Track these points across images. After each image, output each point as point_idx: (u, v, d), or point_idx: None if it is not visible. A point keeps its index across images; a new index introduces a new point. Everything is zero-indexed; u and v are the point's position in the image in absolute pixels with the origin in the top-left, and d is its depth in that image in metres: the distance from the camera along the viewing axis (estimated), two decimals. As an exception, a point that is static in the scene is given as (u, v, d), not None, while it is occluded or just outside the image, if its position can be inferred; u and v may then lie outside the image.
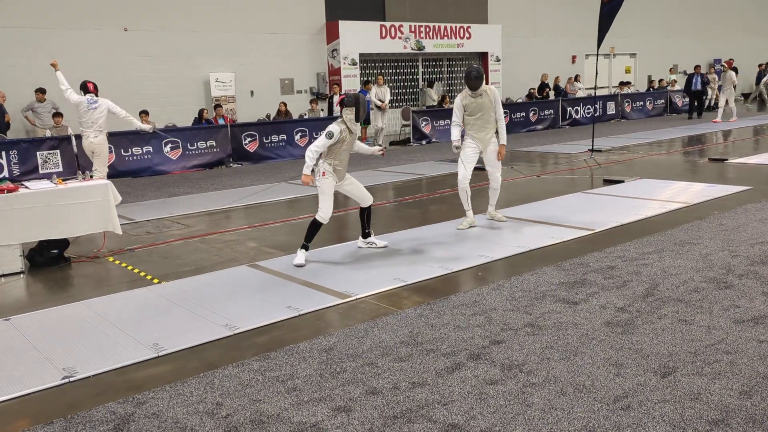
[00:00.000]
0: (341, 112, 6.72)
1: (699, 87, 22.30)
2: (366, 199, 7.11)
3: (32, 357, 4.58)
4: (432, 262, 6.51)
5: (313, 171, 6.65)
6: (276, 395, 3.87)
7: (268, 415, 3.65)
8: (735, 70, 20.72)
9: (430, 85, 21.13)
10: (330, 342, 4.64)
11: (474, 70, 7.79)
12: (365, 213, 7.16)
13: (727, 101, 20.44)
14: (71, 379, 4.20)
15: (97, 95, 10.44)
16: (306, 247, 6.71)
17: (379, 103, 17.95)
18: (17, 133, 14.94)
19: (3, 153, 12.35)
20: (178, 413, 3.71)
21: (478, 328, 4.77)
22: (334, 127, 6.59)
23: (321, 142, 6.57)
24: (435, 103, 20.12)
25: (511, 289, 5.62)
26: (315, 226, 6.70)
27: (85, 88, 10.41)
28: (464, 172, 7.98)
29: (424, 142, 18.37)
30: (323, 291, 5.78)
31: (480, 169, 12.61)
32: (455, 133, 7.98)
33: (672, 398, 3.61)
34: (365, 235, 7.24)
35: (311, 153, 6.54)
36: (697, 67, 22.88)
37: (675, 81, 26.91)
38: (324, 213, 6.71)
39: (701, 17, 30.25)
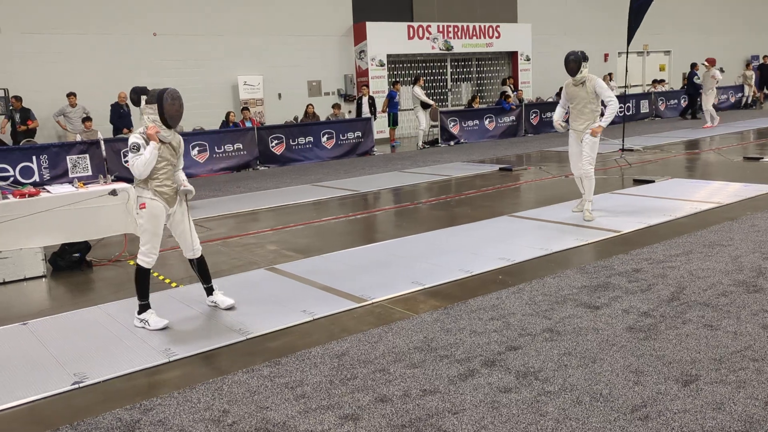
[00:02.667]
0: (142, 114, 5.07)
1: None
2: (189, 250, 5.41)
3: (45, 362, 4.57)
4: (452, 265, 6.38)
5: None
6: (284, 402, 3.79)
7: (274, 423, 3.57)
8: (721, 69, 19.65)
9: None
10: (342, 347, 4.55)
11: (571, 54, 7.76)
12: (198, 266, 5.48)
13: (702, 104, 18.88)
14: (81, 384, 4.17)
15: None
16: (148, 307, 5.18)
17: (431, 102, 17.90)
18: (48, 138, 15.17)
19: (33, 158, 12.51)
20: (183, 420, 3.65)
21: (494, 333, 4.65)
22: (135, 136, 4.96)
23: (136, 158, 4.92)
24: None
25: (531, 292, 5.47)
26: (142, 276, 5.17)
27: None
28: (574, 160, 8.09)
29: (452, 143, 18.22)
30: (339, 295, 5.70)
31: (507, 170, 12.54)
32: (557, 113, 8.14)
33: (693, 408, 3.45)
34: (209, 291, 5.55)
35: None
36: (694, 65, 22.33)
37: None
38: (148, 255, 5.15)
39: (737, 13, 29.58)
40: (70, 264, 7.11)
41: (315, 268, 6.57)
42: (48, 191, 7.10)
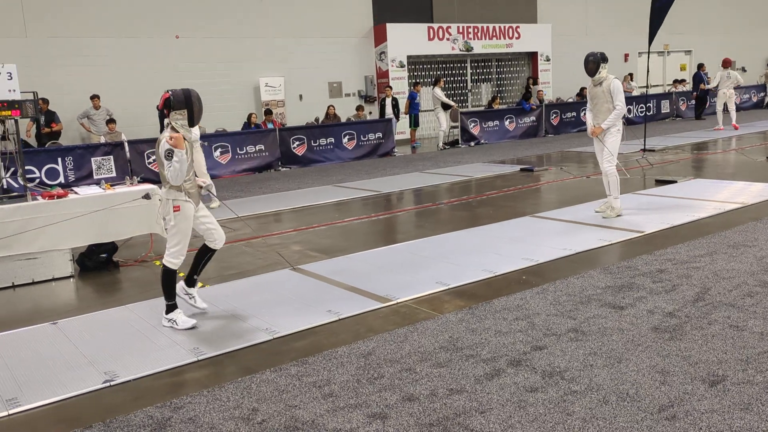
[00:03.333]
0: (167, 115, 5.03)
1: (708, 87, 21.70)
2: (219, 240, 5.52)
3: (76, 361, 4.66)
4: (476, 265, 6.40)
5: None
6: (312, 401, 3.84)
7: (303, 421, 3.62)
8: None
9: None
10: (369, 347, 4.59)
11: (590, 55, 7.87)
12: (208, 255, 5.54)
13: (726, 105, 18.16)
14: (112, 383, 4.24)
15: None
16: (175, 307, 5.24)
17: (452, 103, 17.94)
18: (73, 140, 15.36)
19: (59, 159, 12.68)
20: (214, 418, 3.71)
21: (519, 333, 4.67)
22: (166, 143, 4.92)
23: (173, 165, 4.91)
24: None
25: (555, 293, 5.48)
26: (169, 277, 5.22)
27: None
28: (604, 160, 8.06)
29: (472, 144, 18.22)
30: (364, 295, 5.74)
31: (528, 170, 12.52)
32: (588, 117, 8.18)
33: (720, 408, 3.45)
34: (191, 282, 5.51)
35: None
36: (701, 66, 22.17)
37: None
38: (177, 256, 5.19)
39: (758, 12, 29.25)
40: (98, 264, 7.22)
41: (339, 269, 6.62)
42: (76, 193, 7.21)
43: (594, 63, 7.78)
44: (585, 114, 8.35)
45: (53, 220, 6.76)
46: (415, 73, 20.48)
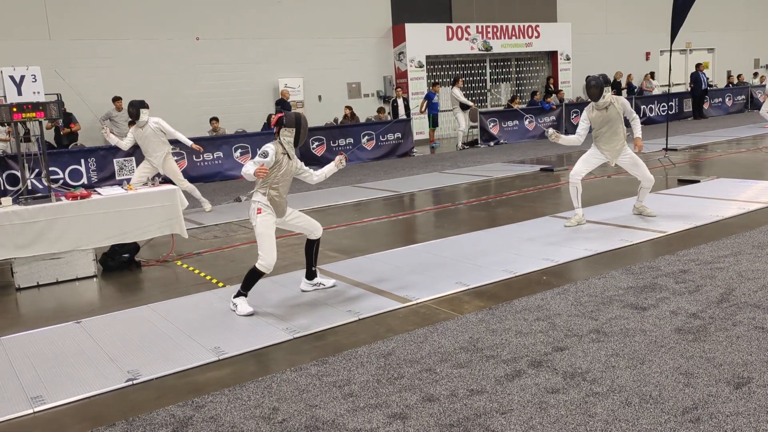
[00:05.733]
0: (278, 132, 5.53)
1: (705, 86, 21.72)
2: (315, 230, 5.93)
3: (99, 359, 4.70)
4: (495, 266, 6.38)
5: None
6: (332, 401, 3.84)
7: (323, 420, 3.62)
8: None
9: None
10: (389, 347, 4.59)
11: (592, 79, 7.61)
12: (313, 247, 5.94)
13: None
14: (134, 381, 4.28)
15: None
16: (245, 295, 5.55)
17: (471, 103, 17.91)
18: (95, 141, 15.48)
19: (82, 160, 12.81)
20: (235, 417, 3.73)
21: (540, 334, 4.64)
22: (269, 147, 5.42)
23: (253, 164, 5.32)
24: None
25: (576, 293, 5.45)
26: (255, 275, 5.47)
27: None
28: (580, 167, 7.91)
29: (492, 144, 18.16)
30: (384, 295, 5.74)
31: (548, 170, 12.45)
32: (568, 136, 7.90)
33: (746, 411, 3.41)
34: (311, 275, 6.02)
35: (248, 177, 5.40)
36: (699, 65, 22.00)
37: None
38: (267, 260, 5.41)
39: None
40: (120, 264, 7.28)
41: (359, 269, 6.62)
42: (99, 193, 7.27)
43: (597, 87, 7.52)
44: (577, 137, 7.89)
45: (76, 221, 6.83)
46: (434, 73, 20.45)
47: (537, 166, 13.23)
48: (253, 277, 5.48)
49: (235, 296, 5.55)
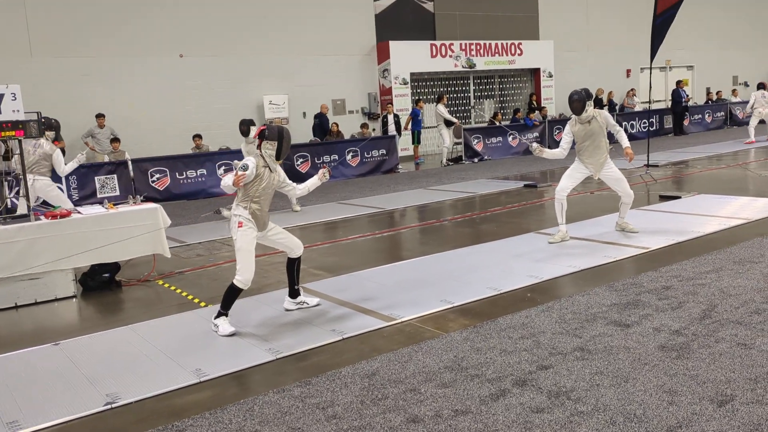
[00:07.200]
0: (259, 145, 5.54)
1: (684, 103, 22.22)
2: (296, 248, 5.88)
3: (78, 382, 4.62)
4: (480, 283, 6.37)
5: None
6: (315, 423, 3.80)
7: (306, 443, 3.58)
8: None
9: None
10: (373, 367, 4.55)
11: (574, 93, 7.69)
12: (294, 265, 5.90)
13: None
14: (113, 405, 4.21)
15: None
16: (225, 315, 5.47)
17: (455, 120, 17.97)
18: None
19: (63, 178, 12.66)
20: (216, 441, 3.67)
21: (525, 352, 4.62)
22: (250, 159, 5.41)
23: (232, 175, 5.35)
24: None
25: (560, 311, 5.44)
26: (234, 292, 5.42)
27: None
28: (565, 183, 7.94)
29: (476, 160, 18.22)
30: (369, 314, 5.71)
31: (532, 186, 12.49)
32: (552, 150, 7.93)
33: (730, 428, 3.40)
34: (294, 293, 5.98)
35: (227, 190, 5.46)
36: (679, 82, 22.34)
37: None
38: (245, 275, 5.38)
39: (760, 27, 29.32)
40: (100, 284, 7.20)
41: (343, 287, 6.59)
42: (79, 212, 7.20)
43: (580, 102, 7.61)
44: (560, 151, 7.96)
45: (56, 241, 6.75)
46: (418, 90, 20.53)
47: (521, 182, 13.28)
48: (231, 294, 5.42)
49: (216, 317, 5.47)
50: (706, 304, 5.34)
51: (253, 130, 10.52)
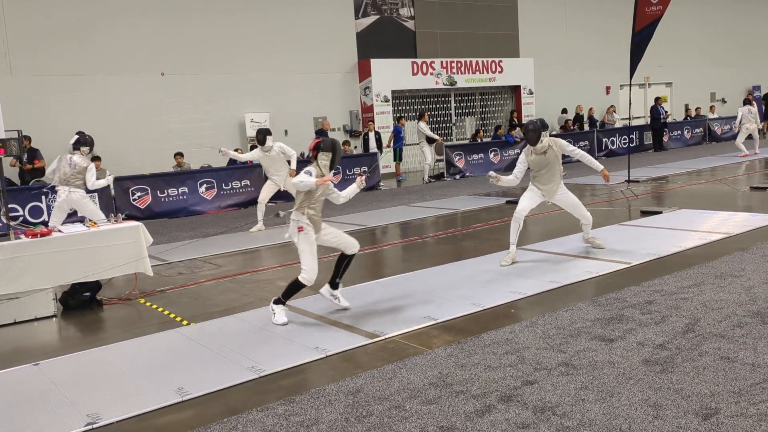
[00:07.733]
0: (316, 156, 6.01)
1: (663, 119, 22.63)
2: (351, 246, 6.24)
3: (58, 403, 4.55)
4: (463, 299, 6.37)
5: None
6: (300, 441, 3.76)
7: (290, 462, 3.54)
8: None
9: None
10: (357, 384, 4.52)
11: (530, 124, 7.72)
12: (346, 260, 6.27)
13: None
14: (94, 426, 4.14)
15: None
16: (284, 303, 6.03)
17: (437, 137, 18.04)
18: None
19: (42, 197, 12.57)
20: (199, 461, 3.62)
21: (509, 368, 4.62)
22: (310, 168, 5.90)
23: (306, 178, 5.79)
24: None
25: (544, 326, 5.45)
26: (297, 286, 5.96)
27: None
28: (525, 204, 7.92)
29: (458, 177, 18.29)
30: (352, 331, 5.68)
31: (513, 202, 12.53)
32: (506, 177, 7.87)
33: (715, 442, 3.41)
34: (334, 285, 6.31)
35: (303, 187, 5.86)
36: (658, 99, 22.70)
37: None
38: (310, 274, 5.92)
39: (737, 45, 29.80)
40: (81, 303, 7.11)
41: (327, 305, 6.53)
42: (60, 231, 7.13)
43: (535, 132, 7.62)
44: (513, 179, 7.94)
45: (37, 259, 6.67)
46: (400, 108, 20.61)
47: (503, 199, 13.33)
48: (294, 287, 5.94)
49: (275, 302, 6.00)
50: (689, 318, 5.37)
51: (269, 140, 11.08)
